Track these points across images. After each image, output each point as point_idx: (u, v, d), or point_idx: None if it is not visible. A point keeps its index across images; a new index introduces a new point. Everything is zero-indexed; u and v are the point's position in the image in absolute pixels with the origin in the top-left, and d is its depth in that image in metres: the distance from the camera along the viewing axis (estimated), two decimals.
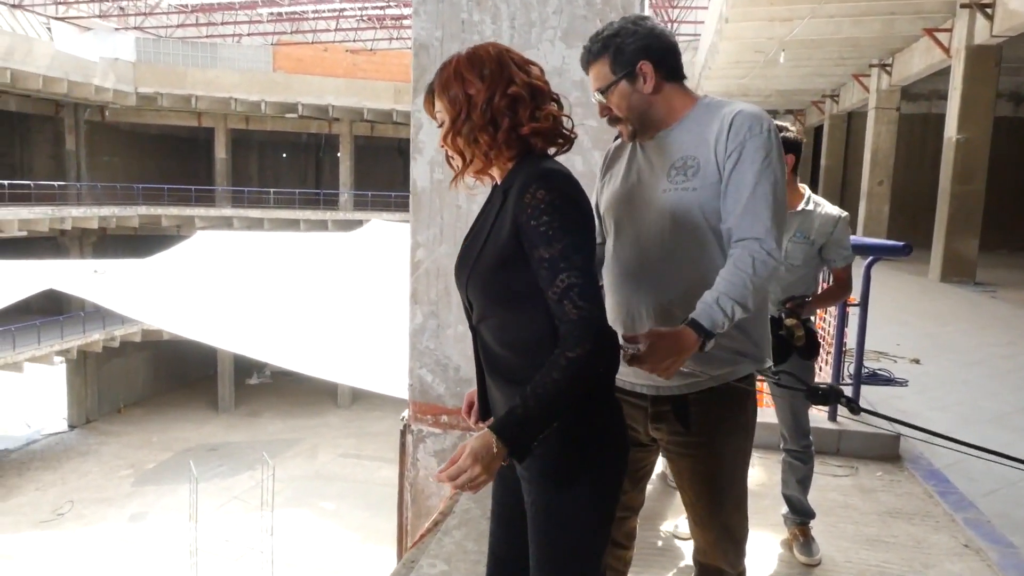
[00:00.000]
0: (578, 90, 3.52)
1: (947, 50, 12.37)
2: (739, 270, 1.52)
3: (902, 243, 3.67)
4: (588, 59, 1.73)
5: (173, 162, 32.74)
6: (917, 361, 5.80)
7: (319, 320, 8.16)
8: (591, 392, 1.29)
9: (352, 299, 8.46)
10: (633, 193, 1.71)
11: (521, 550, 1.47)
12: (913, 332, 6.51)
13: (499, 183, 1.41)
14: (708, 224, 1.61)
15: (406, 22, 29.39)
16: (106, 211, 26.76)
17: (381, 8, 27.52)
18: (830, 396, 1.80)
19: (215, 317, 8.49)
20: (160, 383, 29.16)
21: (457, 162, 1.41)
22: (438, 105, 1.40)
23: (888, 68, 15.70)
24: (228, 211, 29.73)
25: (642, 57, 1.66)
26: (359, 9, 27.59)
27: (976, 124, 11.72)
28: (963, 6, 11.43)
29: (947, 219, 11.82)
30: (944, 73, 13.17)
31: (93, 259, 24.29)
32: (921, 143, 18.05)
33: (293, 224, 28.89)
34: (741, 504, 1.77)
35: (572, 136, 1.43)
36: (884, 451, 3.71)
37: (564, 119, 1.40)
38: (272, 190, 31.71)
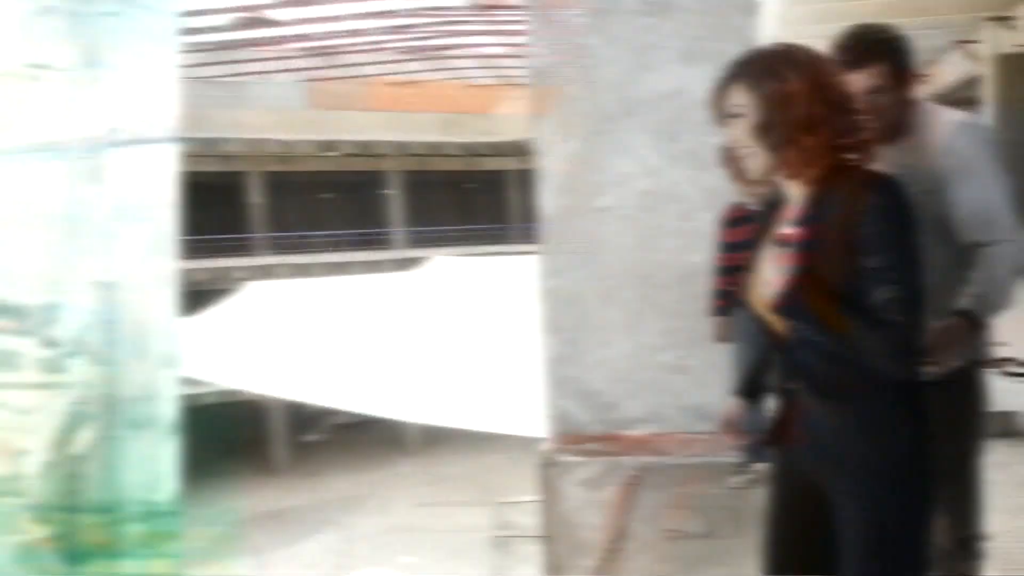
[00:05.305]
0: (697, 110, 3.60)
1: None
2: None
3: None
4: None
5: (200, 211, 31.68)
6: None
7: (432, 365, 8.15)
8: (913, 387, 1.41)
9: (464, 338, 8.45)
10: None
11: (801, 556, 1.53)
12: None
13: (807, 194, 1.43)
14: None
15: (449, 53, 29.41)
16: None
17: (423, 39, 27.55)
18: None
19: (324, 375, 8.62)
20: (196, 451, 28.37)
21: (757, 160, 1.42)
22: (744, 98, 1.40)
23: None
24: (270, 259, 28.90)
25: None
26: (400, 40, 27.71)
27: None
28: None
29: None
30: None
31: None
32: None
33: (344, 268, 28.21)
34: None
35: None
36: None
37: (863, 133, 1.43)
38: (319, 233, 31.01)
